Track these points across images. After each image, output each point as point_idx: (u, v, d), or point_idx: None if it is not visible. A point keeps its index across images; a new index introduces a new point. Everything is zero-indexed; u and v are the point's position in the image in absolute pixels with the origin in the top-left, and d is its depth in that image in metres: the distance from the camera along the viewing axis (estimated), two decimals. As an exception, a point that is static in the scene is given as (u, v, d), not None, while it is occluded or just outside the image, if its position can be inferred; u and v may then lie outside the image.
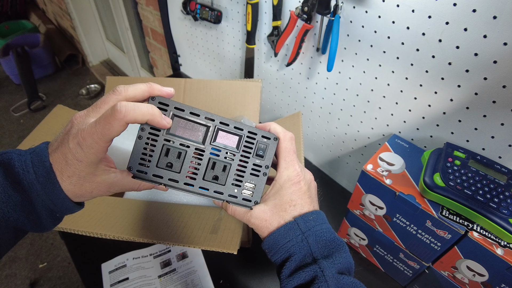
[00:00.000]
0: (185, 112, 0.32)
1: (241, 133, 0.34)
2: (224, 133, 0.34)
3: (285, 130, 0.36)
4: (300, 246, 0.33)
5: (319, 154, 0.88)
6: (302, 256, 0.33)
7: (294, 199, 0.35)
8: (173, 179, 0.33)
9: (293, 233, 0.33)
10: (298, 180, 0.35)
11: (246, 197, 0.35)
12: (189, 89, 0.83)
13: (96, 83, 2.57)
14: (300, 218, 0.34)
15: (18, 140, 2.12)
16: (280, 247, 0.33)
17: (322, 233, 0.34)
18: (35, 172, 0.29)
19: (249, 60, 0.89)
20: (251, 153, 0.35)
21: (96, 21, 2.45)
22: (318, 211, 0.36)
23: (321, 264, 0.32)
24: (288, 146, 0.36)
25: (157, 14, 1.31)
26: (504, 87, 0.45)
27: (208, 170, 0.34)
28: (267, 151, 0.35)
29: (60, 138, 0.30)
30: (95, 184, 0.31)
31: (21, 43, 2.46)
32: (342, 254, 0.33)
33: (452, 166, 0.49)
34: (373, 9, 0.56)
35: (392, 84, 0.60)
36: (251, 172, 0.35)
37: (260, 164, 0.35)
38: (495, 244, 0.44)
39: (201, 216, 0.59)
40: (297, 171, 0.35)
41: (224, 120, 0.34)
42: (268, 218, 0.34)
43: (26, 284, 1.42)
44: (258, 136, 0.35)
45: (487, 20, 0.43)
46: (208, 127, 0.33)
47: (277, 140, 0.35)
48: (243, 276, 0.65)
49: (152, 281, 0.63)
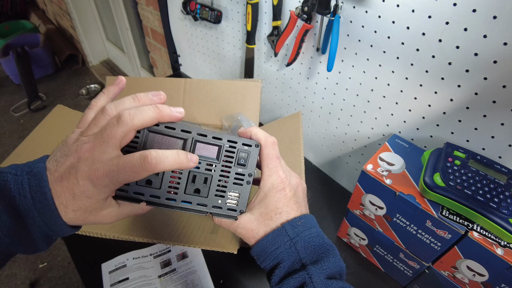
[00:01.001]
0: (160, 127, 0.31)
1: (220, 143, 0.33)
2: (202, 145, 0.33)
3: (267, 135, 0.35)
4: (288, 252, 0.33)
5: (319, 154, 0.88)
6: (290, 263, 0.33)
7: (279, 207, 0.34)
8: (154, 195, 0.32)
9: (281, 240, 0.33)
10: (282, 187, 0.35)
11: (231, 207, 0.34)
12: (189, 89, 0.83)
13: (96, 83, 2.57)
14: (288, 224, 0.34)
15: (18, 140, 2.12)
16: (268, 254, 0.33)
17: (311, 238, 0.34)
18: (33, 197, 0.27)
19: (249, 60, 0.89)
20: (233, 162, 0.34)
21: (96, 21, 2.45)
22: (307, 215, 0.35)
23: (309, 271, 0.31)
24: (271, 153, 0.35)
25: (157, 14, 1.31)
26: (504, 87, 0.45)
27: (189, 183, 0.33)
28: (249, 158, 0.34)
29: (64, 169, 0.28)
30: (100, 217, 0.30)
31: (21, 43, 2.45)
32: (331, 259, 0.33)
33: (452, 166, 0.49)
34: (373, 9, 0.56)
35: (392, 84, 0.60)
36: (234, 182, 0.34)
37: (243, 172, 0.34)
38: (495, 244, 0.44)
39: (201, 216, 0.59)
40: (281, 177, 0.35)
41: (201, 131, 0.33)
42: (254, 227, 0.34)
43: (26, 284, 1.42)
44: (239, 144, 0.34)
45: (487, 20, 0.43)
46: (185, 140, 0.32)
47: (259, 147, 0.34)
48: (243, 276, 0.65)
49: (152, 281, 0.63)
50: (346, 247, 0.72)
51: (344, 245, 0.72)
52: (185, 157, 0.29)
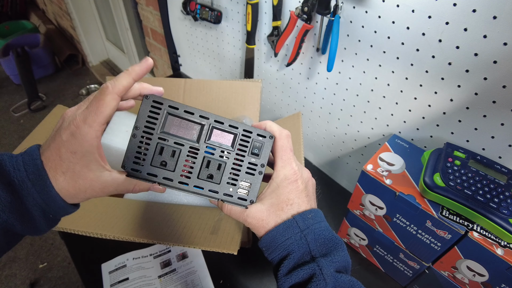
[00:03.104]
0: (179, 110, 0.32)
1: (236, 132, 0.34)
2: (219, 132, 0.34)
3: (281, 128, 0.36)
4: (298, 244, 0.33)
5: (319, 154, 0.88)
6: (300, 254, 0.33)
7: (291, 198, 0.34)
8: (168, 177, 0.33)
9: (291, 231, 0.33)
10: (295, 178, 0.35)
11: (241, 196, 0.35)
12: (189, 89, 0.83)
13: (96, 83, 2.57)
14: (298, 216, 0.34)
15: (18, 140, 2.12)
16: (278, 245, 0.33)
17: (321, 231, 0.34)
18: (26, 170, 0.29)
19: (249, 60, 0.89)
20: (247, 152, 0.34)
21: (96, 21, 2.45)
22: (316, 209, 0.36)
23: (319, 262, 0.31)
24: (285, 144, 0.35)
25: (157, 14, 1.31)
26: (504, 87, 0.45)
27: (203, 168, 0.33)
28: (263, 149, 0.35)
29: (52, 135, 0.30)
30: (89, 182, 0.30)
31: (21, 43, 2.45)
32: (340, 253, 0.33)
33: (452, 166, 0.49)
34: (373, 9, 0.56)
35: (392, 84, 0.60)
36: (246, 171, 0.34)
37: (256, 162, 0.35)
38: (495, 244, 0.44)
39: (201, 216, 0.59)
40: (294, 169, 0.35)
41: (219, 118, 0.33)
42: (265, 217, 0.34)
43: (26, 284, 1.42)
44: (254, 134, 0.34)
45: (487, 20, 0.43)
46: (203, 125, 0.33)
47: (273, 139, 0.35)
48: (243, 276, 0.65)
49: (152, 281, 0.63)
50: (346, 247, 0.72)
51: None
52: (137, 66, 0.31)
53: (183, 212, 0.60)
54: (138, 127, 0.32)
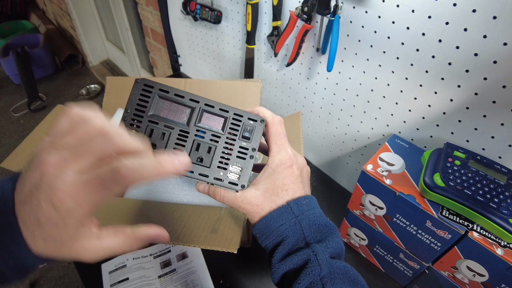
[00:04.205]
0: (170, 93, 0.32)
1: (227, 115, 0.34)
2: (209, 115, 0.33)
3: (274, 114, 0.35)
4: (293, 230, 0.32)
5: (319, 154, 0.88)
6: (295, 240, 0.32)
7: (286, 184, 0.34)
8: None
9: (286, 217, 0.33)
10: (290, 164, 0.34)
11: (232, 181, 0.34)
12: (189, 89, 0.83)
13: (96, 83, 2.57)
14: (293, 202, 0.33)
15: (18, 140, 2.12)
16: (272, 231, 0.33)
17: (315, 218, 0.33)
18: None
19: (249, 60, 0.89)
20: (237, 136, 0.34)
21: (96, 21, 2.45)
22: (310, 196, 0.35)
23: (314, 248, 0.31)
24: (278, 130, 0.35)
25: (157, 14, 1.31)
26: (504, 87, 0.45)
27: (193, 151, 0.33)
28: (254, 133, 0.34)
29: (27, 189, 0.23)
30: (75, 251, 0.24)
31: (21, 43, 2.45)
32: (335, 239, 0.33)
33: (452, 166, 0.49)
34: (373, 9, 0.56)
35: (392, 84, 0.60)
36: (237, 155, 0.34)
37: (247, 146, 0.34)
38: (495, 244, 0.44)
39: (201, 215, 0.59)
40: (289, 154, 0.34)
41: (209, 102, 0.33)
42: (260, 203, 0.33)
43: (26, 284, 1.42)
44: (244, 118, 0.34)
45: (487, 20, 0.43)
46: (193, 108, 0.33)
47: (264, 123, 0.35)
48: (243, 276, 0.65)
49: (152, 281, 0.63)
50: (346, 247, 0.72)
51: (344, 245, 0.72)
52: (170, 162, 0.24)
53: (182, 211, 0.60)
54: (128, 110, 0.32)
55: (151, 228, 0.29)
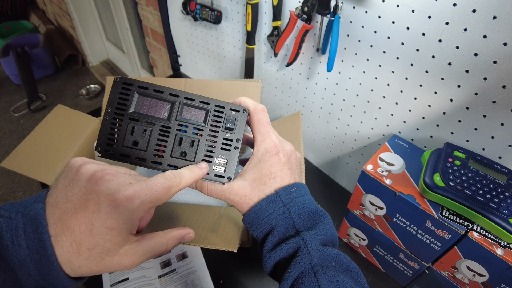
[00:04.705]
0: (149, 90, 0.32)
1: (208, 107, 0.33)
2: (190, 108, 0.33)
3: (256, 103, 0.35)
4: (282, 218, 0.32)
5: (319, 154, 0.88)
6: (284, 229, 0.32)
7: (273, 172, 0.33)
8: (140, 157, 0.32)
9: (274, 205, 0.32)
10: (276, 151, 0.34)
11: (218, 173, 0.33)
12: (189, 89, 0.83)
13: (96, 83, 2.57)
14: (281, 190, 0.33)
15: (18, 140, 2.12)
16: (261, 220, 0.32)
17: (305, 205, 0.33)
18: (28, 246, 0.23)
19: (249, 60, 0.89)
20: (220, 127, 0.34)
21: (96, 21, 2.45)
22: (300, 183, 0.35)
23: (304, 236, 0.30)
24: (261, 118, 0.34)
25: (157, 14, 1.31)
26: (504, 87, 0.45)
27: (175, 146, 0.33)
28: (237, 124, 0.34)
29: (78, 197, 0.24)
30: (117, 257, 0.26)
31: (21, 43, 2.45)
32: (326, 226, 0.32)
33: (452, 166, 0.49)
34: (373, 9, 0.56)
35: (392, 84, 0.60)
36: (221, 147, 0.34)
37: (231, 138, 0.34)
38: (495, 244, 0.44)
39: (201, 215, 0.59)
40: (274, 142, 0.34)
41: (189, 95, 0.33)
42: (248, 193, 0.33)
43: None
44: (226, 109, 0.34)
45: (487, 20, 0.43)
46: (173, 103, 0.33)
47: (247, 112, 0.34)
48: (243, 276, 0.65)
49: (152, 281, 0.63)
50: (346, 247, 0.72)
51: (344, 245, 0.72)
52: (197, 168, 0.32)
53: (182, 211, 0.60)
54: (109, 109, 0.32)
55: (180, 229, 0.33)
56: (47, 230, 0.24)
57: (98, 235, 0.24)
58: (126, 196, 0.24)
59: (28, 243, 0.23)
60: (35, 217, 0.24)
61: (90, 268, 0.25)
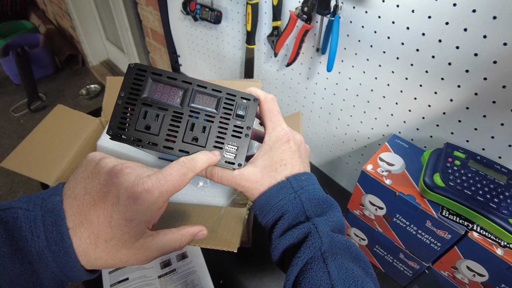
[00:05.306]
0: (163, 76, 0.33)
1: (220, 95, 0.34)
2: (202, 96, 0.34)
3: (266, 93, 0.36)
4: (293, 204, 0.32)
5: (319, 154, 0.88)
6: (295, 214, 0.32)
7: (284, 159, 0.34)
8: (152, 142, 0.32)
9: (285, 192, 0.32)
10: (287, 139, 0.34)
11: (228, 160, 0.34)
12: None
13: (96, 83, 2.57)
14: (292, 177, 0.33)
15: (18, 140, 2.11)
16: (272, 206, 0.32)
17: (315, 192, 0.33)
18: (47, 238, 0.23)
19: (249, 60, 0.89)
20: (231, 115, 0.34)
21: (96, 21, 2.45)
22: (309, 173, 0.35)
23: (314, 221, 0.31)
24: (272, 107, 0.35)
25: (157, 14, 1.31)
26: (504, 87, 0.45)
27: (187, 131, 0.33)
28: (248, 112, 0.34)
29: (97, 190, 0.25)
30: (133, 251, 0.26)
31: (21, 43, 2.45)
32: (336, 213, 0.33)
33: (452, 166, 0.49)
34: (373, 10, 0.56)
35: (392, 84, 0.60)
36: (232, 134, 0.34)
37: (242, 125, 0.34)
38: (495, 244, 0.44)
39: (201, 215, 0.59)
40: (285, 130, 0.35)
41: (202, 83, 0.34)
42: (259, 179, 0.33)
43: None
44: (237, 97, 0.34)
45: (487, 20, 0.43)
46: (186, 90, 0.33)
47: (257, 101, 0.35)
48: (243, 276, 0.65)
49: (152, 281, 0.63)
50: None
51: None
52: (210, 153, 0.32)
53: (182, 211, 0.60)
54: (122, 94, 0.32)
55: (193, 226, 0.33)
56: (65, 222, 0.24)
57: (116, 227, 0.24)
58: (145, 188, 0.25)
59: (47, 235, 0.24)
60: (53, 209, 0.24)
61: (105, 260, 0.25)
